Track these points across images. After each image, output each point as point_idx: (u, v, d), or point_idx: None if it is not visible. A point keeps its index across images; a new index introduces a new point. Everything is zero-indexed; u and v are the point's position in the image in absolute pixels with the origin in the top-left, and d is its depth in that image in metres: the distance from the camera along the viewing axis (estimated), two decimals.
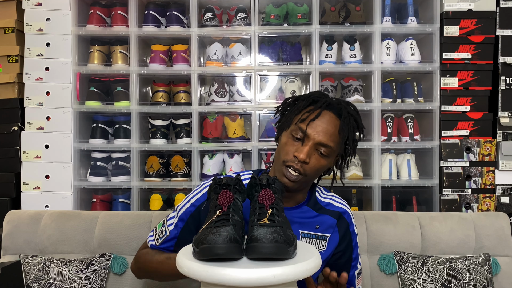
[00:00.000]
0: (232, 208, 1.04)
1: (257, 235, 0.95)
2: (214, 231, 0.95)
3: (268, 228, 0.97)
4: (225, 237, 0.93)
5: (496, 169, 2.36)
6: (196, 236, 0.99)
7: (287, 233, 0.99)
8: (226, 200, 1.05)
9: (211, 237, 0.94)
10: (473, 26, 2.36)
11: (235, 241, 0.94)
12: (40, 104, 2.36)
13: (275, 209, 1.05)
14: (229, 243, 0.93)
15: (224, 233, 0.94)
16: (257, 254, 0.93)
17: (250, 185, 1.14)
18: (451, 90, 2.37)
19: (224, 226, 0.97)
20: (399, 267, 1.83)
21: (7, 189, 2.37)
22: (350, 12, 2.40)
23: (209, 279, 0.89)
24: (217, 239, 0.93)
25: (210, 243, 0.93)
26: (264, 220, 1.00)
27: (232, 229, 0.97)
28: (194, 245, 0.98)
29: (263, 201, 1.06)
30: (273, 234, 0.95)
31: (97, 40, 2.45)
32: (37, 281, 1.73)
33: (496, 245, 1.91)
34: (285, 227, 1.02)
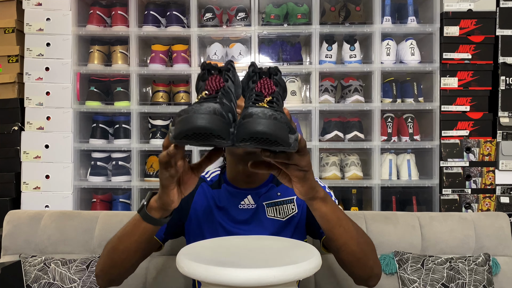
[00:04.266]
0: (221, 92, 0.84)
1: (252, 111, 0.78)
2: (195, 105, 0.77)
3: (265, 109, 0.79)
4: (209, 107, 0.76)
5: (496, 169, 2.36)
6: (175, 117, 0.81)
7: (289, 121, 0.82)
8: (214, 84, 0.85)
9: (190, 109, 0.76)
10: (473, 26, 2.36)
11: (220, 115, 0.77)
12: (40, 104, 2.36)
13: (276, 99, 0.87)
14: (213, 114, 0.75)
15: (207, 105, 0.77)
16: (249, 133, 0.76)
17: (248, 77, 0.94)
18: (451, 90, 2.37)
19: (209, 102, 0.79)
20: (399, 267, 1.83)
21: (7, 189, 2.37)
22: (350, 12, 2.40)
23: (209, 279, 0.88)
24: (199, 108, 0.75)
25: (189, 112, 0.75)
26: (261, 104, 0.83)
27: (219, 106, 0.79)
28: (171, 123, 0.81)
29: (261, 90, 0.87)
30: (270, 112, 0.78)
31: (97, 40, 2.45)
32: (37, 281, 1.72)
33: (496, 245, 1.90)
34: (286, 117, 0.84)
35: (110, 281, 1.14)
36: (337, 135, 2.39)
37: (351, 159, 2.41)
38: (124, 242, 1.05)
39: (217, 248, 1.02)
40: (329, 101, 2.40)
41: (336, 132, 2.39)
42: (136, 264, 1.14)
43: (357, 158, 2.44)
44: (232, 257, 0.94)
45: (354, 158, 2.42)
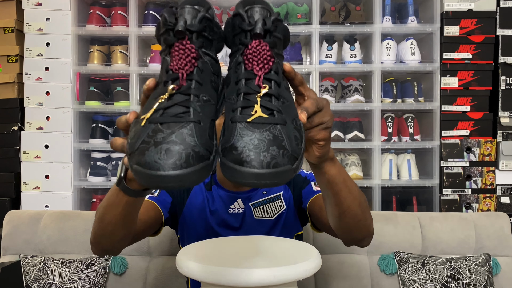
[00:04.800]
0: (196, 78, 0.61)
1: (242, 149, 0.55)
2: (158, 138, 0.54)
3: (262, 133, 0.56)
4: (178, 156, 0.53)
5: (496, 169, 2.35)
6: (131, 136, 0.59)
7: (291, 135, 0.59)
8: (184, 60, 0.61)
9: (152, 155, 0.53)
10: (473, 26, 2.36)
11: (197, 160, 0.54)
12: (40, 104, 2.36)
13: (274, 82, 0.63)
14: (185, 167, 0.52)
15: (175, 148, 0.53)
16: (241, 183, 0.55)
17: (232, 27, 0.66)
18: (451, 90, 2.36)
19: (178, 127, 0.55)
20: (399, 267, 1.82)
21: (6, 189, 2.37)
22: (350, 12, 2.40)
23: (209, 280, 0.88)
24: (163, 162, 0.52)
25: (151, 167, 0.52)
26: (254, 111, 0.59)
27: (192, 130, 0.56)
28: (128, 155, 0.57)
29: (253, 65, 0.63)
30: (271, 149, 0.55)
31: (97, 40, 2.44)
32: (37, 281, 1.72)
33: (496, 245, 1.90)
34: (288, 115, 0.62)
35: (104, 251, 1.04)
36: (337, 135, 2.39)
37: (351, 159, 2.41)
38: (110, 213, 0.92)
39: (217, 248, 1.01)
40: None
41: (336, 132, 2.39)
42: (128, 235, 1.01)
43: (357, 158, 2.44)
44: (232, 257, 0.94)
45: (354, 158, 2.42)
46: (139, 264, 1.83)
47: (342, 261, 1.84)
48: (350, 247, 1.86)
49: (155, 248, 1.83)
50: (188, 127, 0.56)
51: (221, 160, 0.58)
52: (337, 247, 1.85)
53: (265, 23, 0.64)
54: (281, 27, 0.66)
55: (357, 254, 1.87)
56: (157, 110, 0.59)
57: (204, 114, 0.60)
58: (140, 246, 1.82)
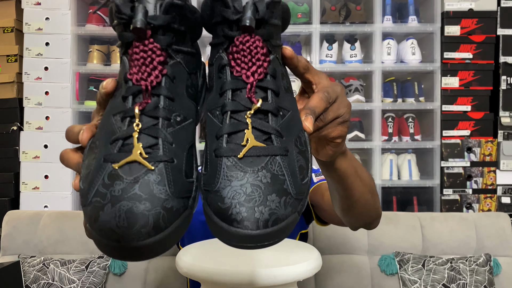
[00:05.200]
0: (164, 93, 0.45)
1: (231, 203, 0.41)
2: (116, 191, 0.40)
3: (257, 174, 0.42)
4: (143, 220, 0.38)
5: (497, 169, 2.35)
6: (84, 174, 0.44)
7: (295, 167, 0.45)
8: (147, 68, 0.45)
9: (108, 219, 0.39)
10: (474, 26, 2.35)
11: (170, 219, 0.40)
12: (39, 104, 2.35)
13: (272, 92, 0.47)
14: (153, 235, 0.39)
15: (139, 208, 0.39)
16: (232, 246, 0.43)
17: (211, 11, 0.49)
18: (452, 90, 2.36)
19: (143, 172, 0.41)
20: (400, 267, 1.82)
21: (6, 189, 2.36)
22: (350, 12, 2.40)
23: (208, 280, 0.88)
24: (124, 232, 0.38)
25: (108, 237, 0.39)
26: (246, 140, 0.44)
27: (162, 175, 0.41)
28: (80, 201, 0.44)
29: (242, 70, 0.47)
30: (269, 199, 0.41)
31: (96, 40, 2.44)
32: (36, 282, 1.72)
33: (497, 246, 1.90)
34: (290, 134, 0.47)
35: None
36: None
37: None
38: None
39: (217, 249, 1.01)
40: None
41: None
42: None
43: (358, 158, 2.43)
44: (231, 258, 0.94)
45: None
46: (139, 264, 1.82)
47: (342, 261, 1.84)
48: (350, 248, 1.86)
49: None
50: (157, 171, 0.41)
51: (203, 207, 0.44)
52: (337, 247, 1.85)
53: (256, 9, 0.46)
54: (278, 10, 0.49)
55: (357, 254, 1.87)
56: (115, 141, 0.44)
57: (179, 143, 0.45)
58: None
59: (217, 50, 0.50)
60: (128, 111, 0.45)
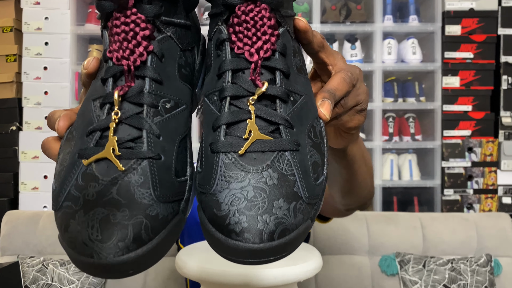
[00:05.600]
0: (150, 75, 0.38)
1: (229, 210, 0.34)
2: (90, 195, 0.33)
3: (261, 174, 0.35)
4: (122, 233, 0.32)
5: (498, 169, 2.34)
6: (57, 170, 0.38)
7: (307, 163, 0.38)
8: (130, 44, 0.38)
9: (79, 229, 0.32)
10: (475, 25, 2.35)
11: (154, 230, 0.34)
12: (39, 103, 2.35)
13: (280, 73, 0.40)
14: (134, 249, 0.32)
15: (117, 217, 0.32)
16: (231, 260, 0.36)
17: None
18: (452, 90, 2.35)
19: (122, 172, 0.34)
20: (400, 268, 1.82)
21: (5, 189, 2.36)
22: (351, 11, 2.39)
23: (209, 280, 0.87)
24: (98, 246, 0.31)
25: (80, 251, 0.32)
26: (248, 132, 0.36)
27: (146, 175, 0.35)
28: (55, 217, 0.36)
29: (244, 46, 0.39)
30: (275, 205, 0.34)
31: (96, 39, 2.44)
32: (36, 282, 1.71)
33: (498, 246, 1.90)
34: (302, 123, 0.40)
35: None
36: None
37: None
38: None
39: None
40: None
41: None
42: None
43: None
44: None
45: None
46: None
47: (342, 262, 1.83)
48: (351, 248, 1.86)
49: None
50: (140, 170, 0.34)
51: (198, 212, 0.38)
52: (337, 248, 1.85)
53: None
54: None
55: (357, 255, 1.86)
56: (92, 133, 0.37)
57: (168, 136, 0.38)
58: None
59: (215, 22, 0.42)
60: (107, 96, 0.38)
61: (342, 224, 1.85)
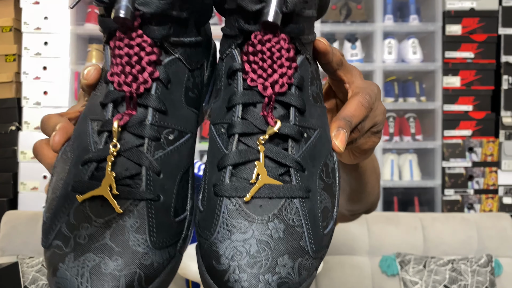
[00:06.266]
0: (154, 104, 0.35)
1: (229, 265, 0.31)
2: (81, 237, 0.32)
3: (266, 225, 0.32)
4: (112, 284, 0.30)
5: (498, 169, 2.34)
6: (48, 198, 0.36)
7: (317, 210, 0.35)
8: (134, 69, 0.35)
9: (68, 275, 0.31)
10: (475, 25, 2.34)
11: (148, 280, 0.32)
12: (38, 103, 2.34)
13: (295, 110, 0.37)
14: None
15: (109, 266, 0.30)
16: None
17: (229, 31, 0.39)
18: (453, 90, 2.35)
19: (115, 215, 0.32)
20: (401, 268, 1.81)
21: (4, 189, 2.35)
22: (351, 11, 2.39)
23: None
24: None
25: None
26: (256, 176, 0.34)
27: (142, 219, 0.33)
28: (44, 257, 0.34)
29: (258, 78, 0.36)
30: (279, 262, 0.31)
31: (95, 39, 2.43)
32: (35, 283, 1.71)
33: (498, 246, 1.90)
34: (314, 162, 0.37)
35: None
36: None
37: None
38: None
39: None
40: None
41: None
42: None
43: None
44: None
45: None
46: None
47: (343, 262, 1.83)
48: (351, 249, 1.85)
49: None
50: (136, 213, 0.32)
51: (196, 256, 0.35)
52: (338, 248, 1.84)
53: (285, 0, 0.34)
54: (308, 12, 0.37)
55: (358, 255, 1.86)
56: (87, 163, 0.34)
57: (169, 172, 0.35)
58: None
59: (229, 44, 0.39)
60: (106, 124, 0.35)
61: (342, 225, 1.84)
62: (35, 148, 0.42)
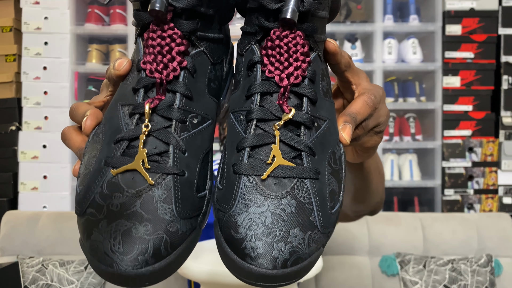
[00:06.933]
0: (181, 90, 0.39)
1: (246, 234, 0.35)
2: (114, 205, 0.35)
3: (280, 201, 0.36)
4: (142, 247, 0.34)
5: (498, 169, 2.34)
6: (81, 173, 0.39)
7: (325, 192, 0.39)
8: (164, 58, 0.39)
9: (101, 239, 0.35)
10: (475, 25, 2.34)
11: (173, 246, 0.35)
12: (38, 103, 2.34)
13: (308, 100, 0.41)
14: (152, 263, 0.34)
15: (139, 231, 0.34)
16: (243, 281, 0.38)
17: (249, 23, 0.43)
18: (453, 90, 2.35)
19: (145, 186, 0.35)
20: (401, 268, 1.81)
21: (4, 189, 2.35)
22: (351, 11, 2.39)
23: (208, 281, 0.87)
24: (118, 257, 0.33)
25: (100, 259, 0.35)
26: (271, 157, 0.37)
27: (169, 190, 0.36)
28: (77, 222, 0.38)
29: (275, 70, 0.40)
30: (291, 234, 0.35)
31: (95, 39, 2.43)
32: (35, 282, 1.71)
33: (498, 246, 1.90)
34: (323, 149, 0.40)
35: None
36: None
37: None
38: None
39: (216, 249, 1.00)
40: None
41: None
42: None
43: None
44: None
45: None
46: None
47: (343, 262, 1.83)
48: (351, 248, 1.85)
49: None
50: (164, 185, 0.36)
51: (214, 229, 0.39)
52: (338, 248, 1.84)
53: (302, 0, 0.38)
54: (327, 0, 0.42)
55: (358, 255, 1.86)
56: (119, 141, 0.38)
57: (193, 152, 0.39)
58: None
59: (248, 40, 0.43)
60: (137, 107, 0.39)
61: (342, 224, 1.84)
62: (63, 134, 0.45)
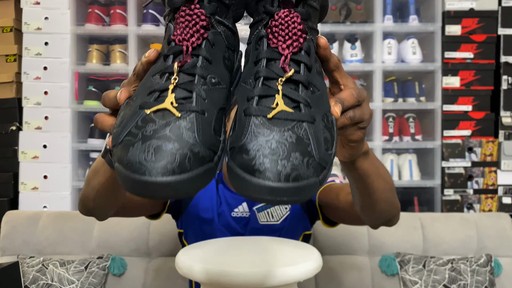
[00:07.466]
0: (204, 54, 0.49)
1: (255, 154, 0.43)
2: (148, 131, 0.43)
3: (283, 133, 0.44)
4: (170, 157, 0.41)
5: (498, 169, 2.34)
6: (118, 123, 0.47)
7: (320, 136, 0.47)
8: (190, 30, 0.49)
9: (137, 153, 0.41)
10: (475, 25, 2.34)
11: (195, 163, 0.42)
12: (38, 103, 2.35)
13: (304, 66, 0.50)
14: (178, 172, 0.41)
15: (168, 146, 0.41)
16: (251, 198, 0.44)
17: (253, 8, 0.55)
18: (453, 90, 2.35)
19: (174, 118, 0.44)
20: (401, 268, 1.81)
21: (5, 189, 2.35)
22: (351, 11, 2.39)
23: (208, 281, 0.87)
24: (150, 165, 0.40)
25: (134, 170, 0.41)
26: (275, 104, 0.46)
27: (192, 123, 0.44)
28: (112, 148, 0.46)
29: (278, 42, 0.50)
30: (292, 156, 0.43)
31: (95, 39, 2.43)
32: (35, 282, 1.71)
33: (498, 246, 1.90)
34: (318, 109, 0.49)
35: (88, 212, 0.95)
36: None
37: None
38: (95, 179, 0.84)
39: (217, 249, 1.00)
40: None
41: None
42: (112, 206, 0.94)
43: None
44: (232, 258, 0.93)
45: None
46: (138, 265, 1.81)
47: (342, 262, 1.83)
48: (351, 248, 1.85)
49: (154, 249, 1.82)
50: (188, 119, 0.44)
51: (227, 162, 0.46)
52: (338, 248, 1.84)
53: None
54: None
55: (357, 255, 1.86)
56: (152, 92, 0.48)
57: (211, 101, 0.47)
58: (139, 247, 1.81)
59: (256, 28, 0.53)
60: (167, 68, 0.49)
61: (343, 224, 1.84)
62: (96, 118, 0.56)
